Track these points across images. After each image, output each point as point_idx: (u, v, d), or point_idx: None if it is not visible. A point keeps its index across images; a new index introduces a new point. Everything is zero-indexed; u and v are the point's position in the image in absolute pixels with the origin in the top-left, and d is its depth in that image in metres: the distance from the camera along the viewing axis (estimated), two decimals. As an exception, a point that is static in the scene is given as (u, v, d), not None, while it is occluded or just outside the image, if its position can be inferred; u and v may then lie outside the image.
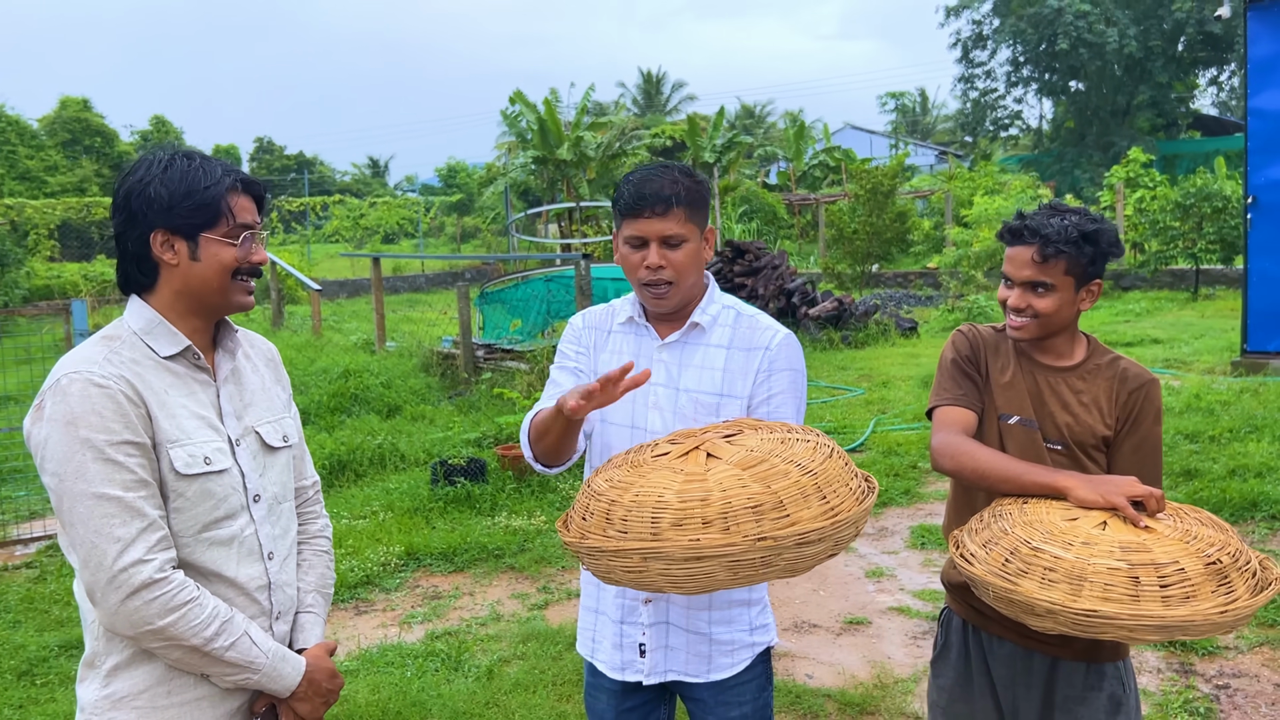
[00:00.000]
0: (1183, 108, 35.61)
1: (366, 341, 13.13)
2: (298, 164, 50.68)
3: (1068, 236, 2.24)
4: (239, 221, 1.88)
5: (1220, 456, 7.04)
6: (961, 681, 2.48)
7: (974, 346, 2.45)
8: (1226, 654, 4.32)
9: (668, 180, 2.17)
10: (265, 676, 1.88)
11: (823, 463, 1.78)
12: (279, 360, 2.19)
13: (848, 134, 45.69)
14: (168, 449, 1.81)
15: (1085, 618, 1.77)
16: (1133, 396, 2.32)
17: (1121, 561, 1.83)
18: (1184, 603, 1.77)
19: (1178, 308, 15.96)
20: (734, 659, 2.27)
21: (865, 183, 19.87)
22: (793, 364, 2.24)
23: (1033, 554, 1.88)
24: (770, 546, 1.63)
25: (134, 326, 1.88)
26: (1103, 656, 2.32)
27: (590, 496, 1.84)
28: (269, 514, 1.99)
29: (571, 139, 27.95)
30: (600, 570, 1.77)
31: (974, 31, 35.52)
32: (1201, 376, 9.96)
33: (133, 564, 1.72)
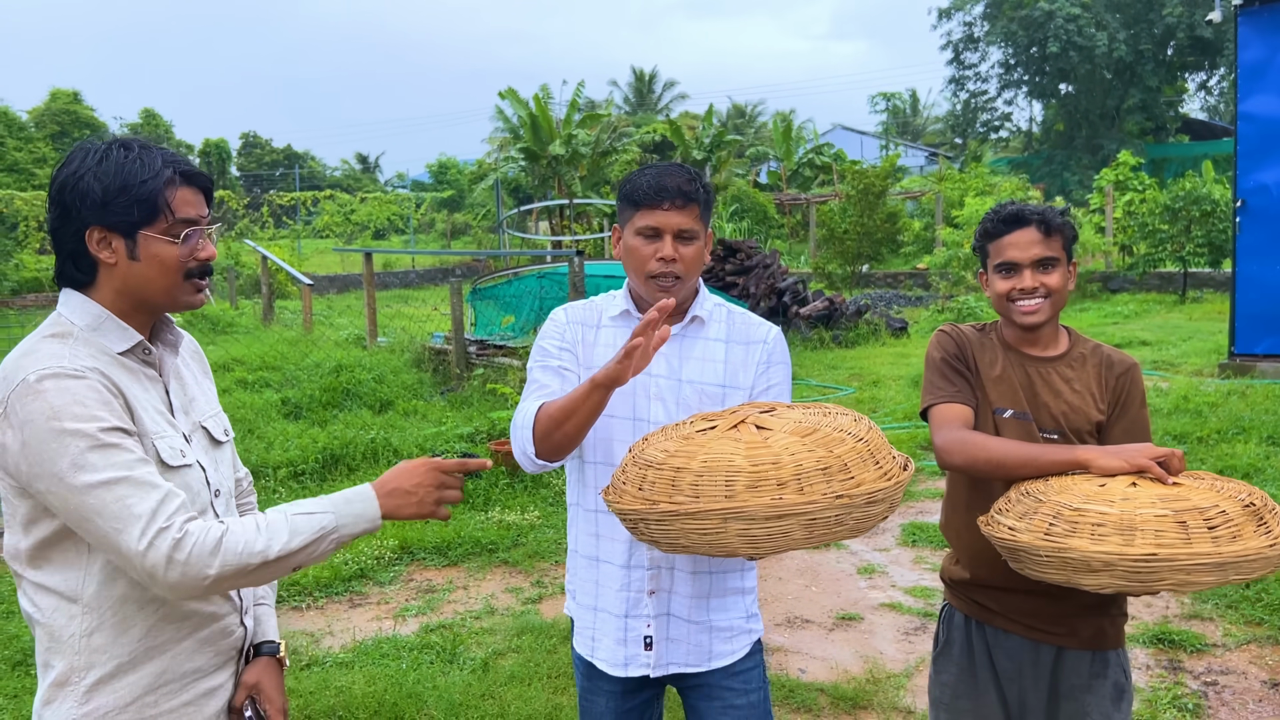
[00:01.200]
0: (1172, 111, 35.84)
1: (358, 337, 13.10)
2: (287, 158, 50.55)
3: (1056, 212, 2.37)
4: (180, 217, 1.75)
5: (1208, 458, 7.10)
6: (965, 677, 2.49)
7: (959, 344, 2.47)
8: (1215, 651, 4.37)
9: (685, 177, 2.21)
10: (347, 526, 1.75)
11: (868, 432, 1.88)
12: (204, 355, 2.10)
13: (838, 134, 45.78)
14: (152, 440, 1.73)
15: (1144, 563, 1.78)
16: (1120, 381, 2.38)
17: (1166, 510, 1.85)
18: (1233, 541, 1.81)
19: (1166, 310, 16.08)
20: (733, 645, 2.29)
21: (856, 183, 19.93)
22: (785, 358, 2.34)
23: (1076, 514, 1.90)
24: (846, 504, 1.72)
25: (80, 323, 1.76)
26: (1106, 644, 2.36)
27: (645, 467, 1.85)
28: (226, 509, 1.92)
29: (563, 136, 27.95)
30: (668, 537, 1.78)
31: (965, 33, 35.68)
32: (1189, 378, 10.05)
33: (155, 535, 1.60)
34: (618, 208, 2.30)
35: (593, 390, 1.99)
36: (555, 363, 2.29)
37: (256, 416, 8.83)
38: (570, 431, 2.07)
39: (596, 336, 2.32)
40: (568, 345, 2.30)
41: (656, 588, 2.24)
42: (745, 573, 2.33)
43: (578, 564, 2.37)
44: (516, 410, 2.21)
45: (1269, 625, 4.57)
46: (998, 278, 2.39)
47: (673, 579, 2.25)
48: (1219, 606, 4.81)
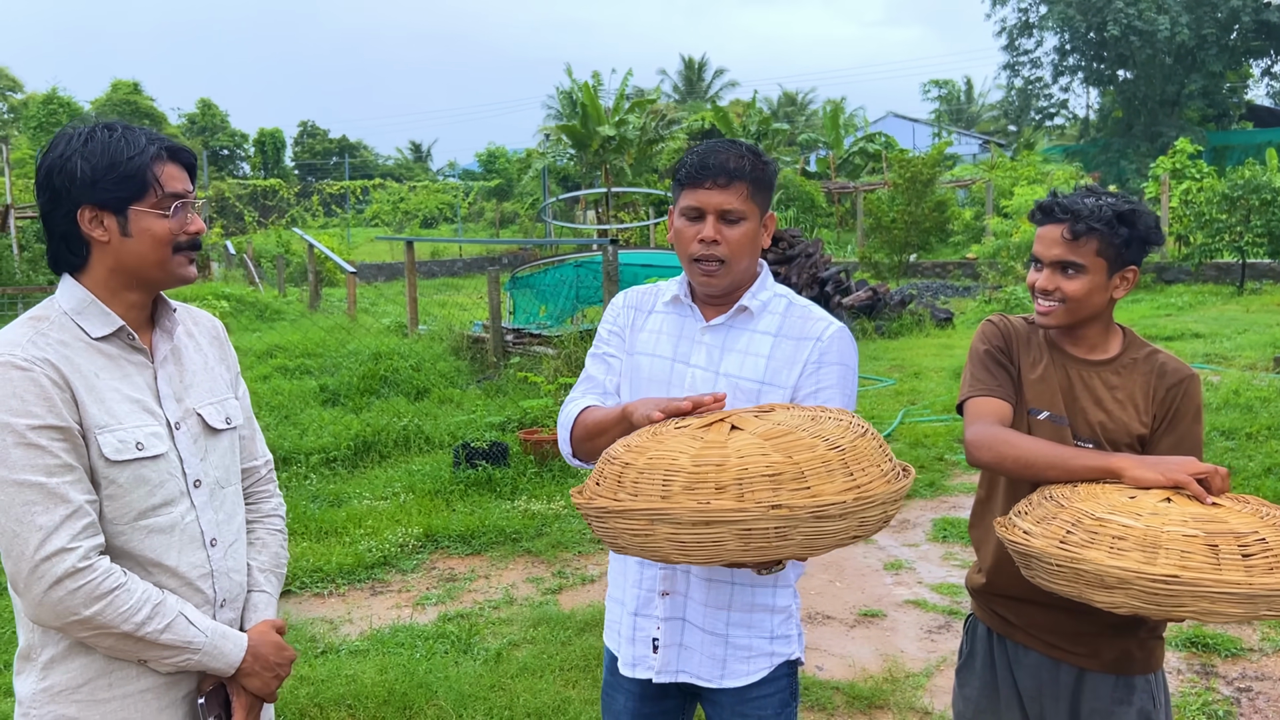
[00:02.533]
0: (1235, 98, 34.80)
1: (399, 325, 13.19)
2: (341, 148, 51.10)
3: (1100, 215, 2.12)
4: (168, 191, 1.78)
5: (1257, 454, 6.88)
6: (987, 692, 2.37)
7: (1005, 337, 2.32)
8: (1250, 656, 4.22)
9: (734, 154, 2.06)
10: (206, 655, 1.81)
11: (853, 440, 1.68)
12: (225, 337, 2.09)
13: (890, 122, 45.20)
14: (96, 435, 1.73)
15: (1163, 585, 1.63)
16: (1171, 393, 2.19)
17: (1197, 530, 1.69)
18: (1269, 573, 1.63)
19: (1222, 302, 15.64)
20: (750, 666, 2.13)
21: (904, 172, 19.64)
22: (844, 359, 2.12)
23: (1098, 524, 1.75)
24: (785, 516, 1.53)
25: (65, 306, 1.79)
26: (1133, 669, 2.21)
27: (605, 461, 1.77)
28: (211, 499, 1.91)
29: (612, 122, 27.92)
30: (608, 535, 1.69)
31: (1020, 19, 34.93)
32: (1242, 372, 9.75)
33: (55, 553, 1.64)
34: (671, 190, 2.20)
35: (623, 419, 1.95)
36: (604, 349, 2.26)
37: (294, 403, 8.92)
38: (601, 446, 1.98)
39: (646, 321, 2.24)
40: (618, 330, 2.25)
41: (671, 590, 2.13)
42: (778, 589, 2.15)
43: (612, 555, 2.30)
44: (566, 400, 2.19)
45: (1310, 630, 4.40)
46: (1031, 267, 2.25)
47: (688, 583, 2.12)
48: (1258, 609, 4.64)
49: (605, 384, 2.22)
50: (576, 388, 2.23)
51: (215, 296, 15.05)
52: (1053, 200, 2.20)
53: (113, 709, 1.79)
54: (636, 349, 2.22)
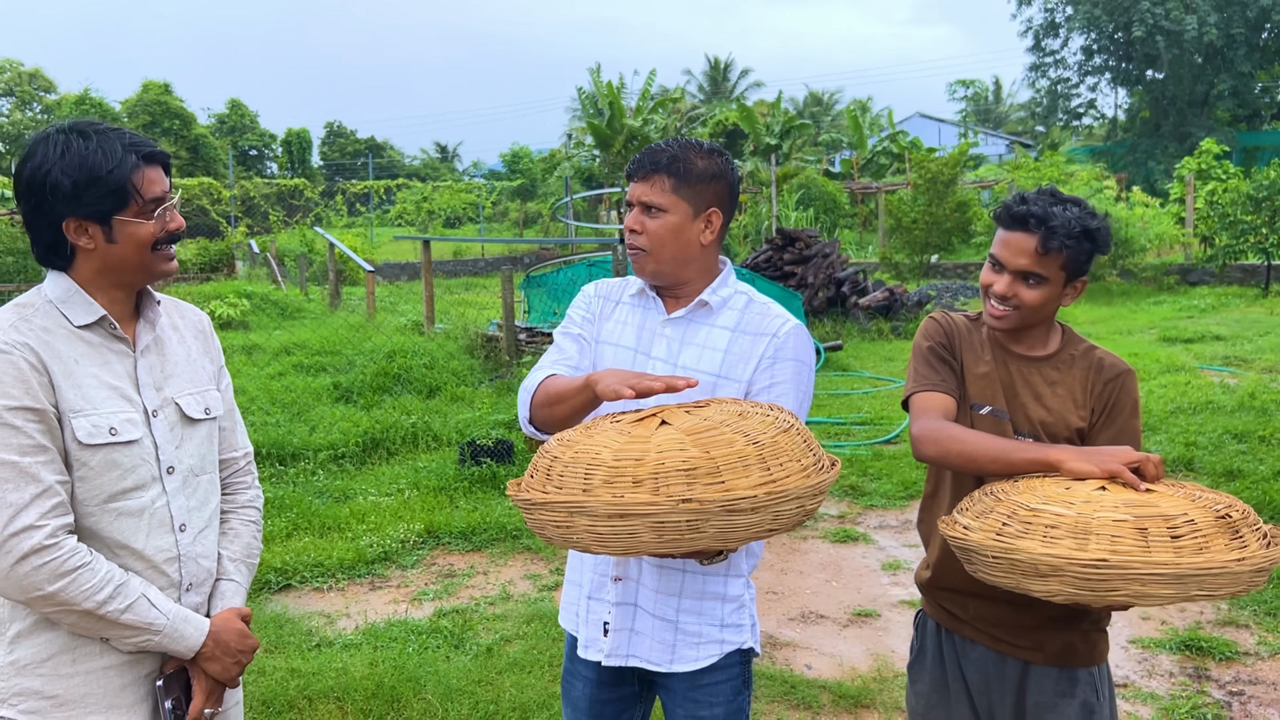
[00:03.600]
0: (1266, 98, 34.36)
1: (416, 323, 13.27)
2: (367, 148, 51.43)
3: (1071, 230, 2.13)
4: (149, 197, 1.84)
5: (1268, 457, 6.80)
6: (938, 687, 2.38)
7: (948, 334, 2.35)
8: (1245, 660, 4.17)
9: (665, 149, 2.14)
10: (166, 637, 1.87)
11: (774, 436, 1.72)
12: (210, 331, 2.16)
13: (916, 122, 44.98)
14: (71, 418, 1.80)
15: (1094, 570, 1.67)
16: (1108, 387, 2.23)
17: (1127, 515, 1.73)
18: (1198, 553, 1.67)
19: (1246, 304, 15.45)
20: (700, 652, 2.17)
21: (924, 172, 19.54)
22: (799, 355, 2.16)
23: (1032, 515, 1.79)
24: (695, 510, 1.59)
25: (50, 295, 1.87)
26: (1076, 662, 2.23)
27: (540, 454, 1.82)
28: (183, 486, 1.96)
29: (637, 120, 27.96)
30: (537, 526, 1.75)
31: (1046, 19, 34.64)
32: (1260, 375, 9.64)
33: (23, 529, 1.72)
34: None
35: (584, 388, 1.96)
36: (576, 330, 2.29)
37: (306, 400, 8.99)
38: (558, 415, 2.05)
39: (613, 311, 2.30)
40: (590, 316, 2.30)
41: (623, 575, 2.18)
42: (729, 578, 2.19)
43: None
44: (533, 370, 2.21)
45: (1307, 634, 4.35)
46: (987, 265, 2.26)
47: (640, 569, 2.17)
48: (1256, 613, 4.59)
49: (578, 361, 2.24)
50: (544, 359, 2.25)
51: (237, 295, 15.20)
52: (1025, 209, 2.17)
53: (76, 684, 1.85)
54: (602, 338, 2.27)
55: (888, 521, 6.21)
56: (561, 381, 2.08)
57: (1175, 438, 7.43)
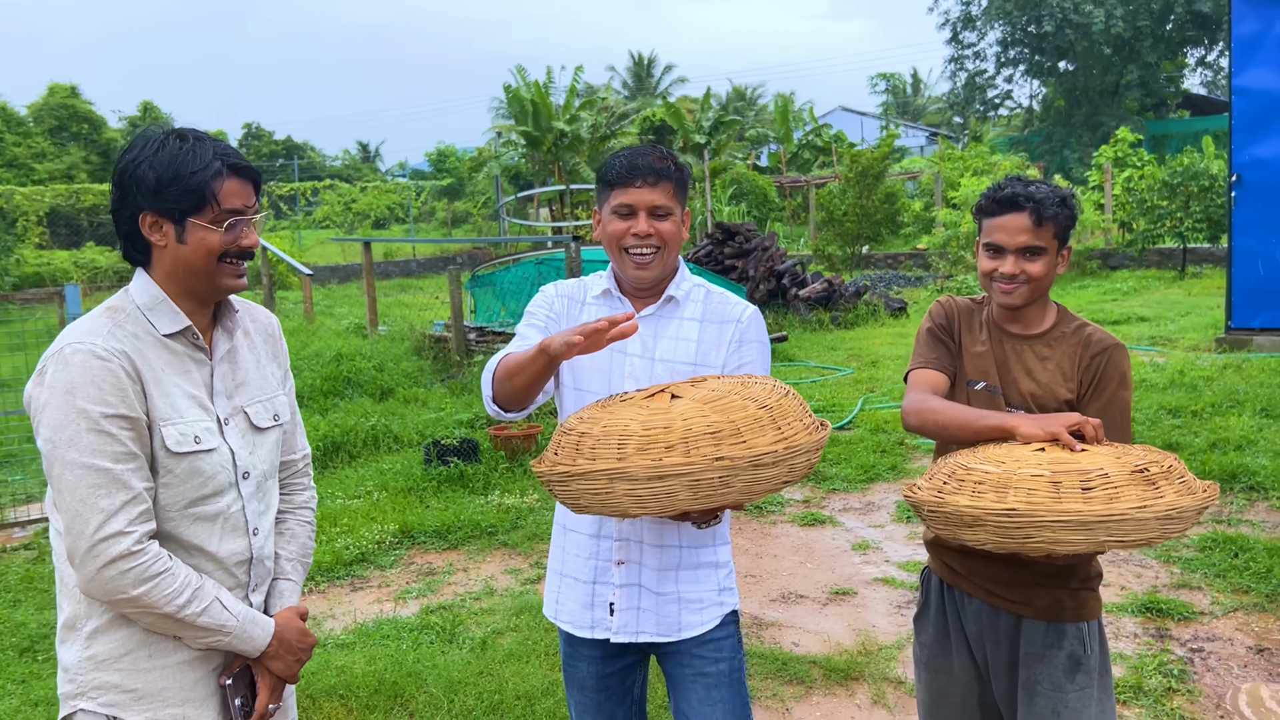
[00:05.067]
0: (1171, 87, 35.58)
1: (358, 326, 13.18)
2: (287, 149, 50.49)
3: (1054, 201, 2.35)
4: (225, 207, 1.88)
5: (1202, 430, 7.16)
6: (940, 637, 2.56)
7: (949, 315, 2.54)
8: (1202, 619, 4.43)
9: (658, 156, 2.30)
10: (236, 638, 1.94)
11: (779, 400, 1.94)
12: (278, 334, 2.20)
13: (839, 115, 45.67)
14: (160, 426, 1.85)
15: (1008, 519, 1.84)
16: (1095, 361, 2.39)
17: (1045, 470, 1.90)
18: (1108, 503, 1.82)
19: (1165, 286, 16.09)
20: (703, 616, 2.35)
21: (854, 165, 19.91)
22: (760, 337, 2.38)
23: (966, 473, 1.98)
24: (727, 466, 1.79)
25: (139, 301, 1.91)
26: (1064, 616, 2.38)
27: (563, 433, 1.98)
28: (257, 491, 2.02)
29: (564, 119, 27.94)
30: (570, 498, 1.90)
31: (963, 12, 35.46)
32: (1186, 353, 10.09)
33: (113, 535, 1.77)
34: (596, 191, 2.39)
35: (539, 354, 2.04)
36: (540, 323, 2.39)
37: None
38: (518, 386, 2.16)
39: (581, 312, 2.41)
40: (553, 315, 2.40)
41: (626, 559, 2.32)
42: (718, 547, 2.40)
43: (555, 530, 2.48)
44: (494, 357, 2.30)
45: (1256, 593, 4.63)
46: (984, 256, 2.43)
47: (641, 551, 2.32)
48: (1207, 575, 4.87)
49: None
50: (508, 347, 2.35)
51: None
52: (1014, 191, 2.37)
53: (153, 678, 1.91)
54: None
55: (851, 504, 6.41)
56: (516, 355, 2.18)
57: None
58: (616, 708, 2.46)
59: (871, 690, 3.95)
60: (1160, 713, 3.67)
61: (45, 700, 4.07)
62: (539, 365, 2.08)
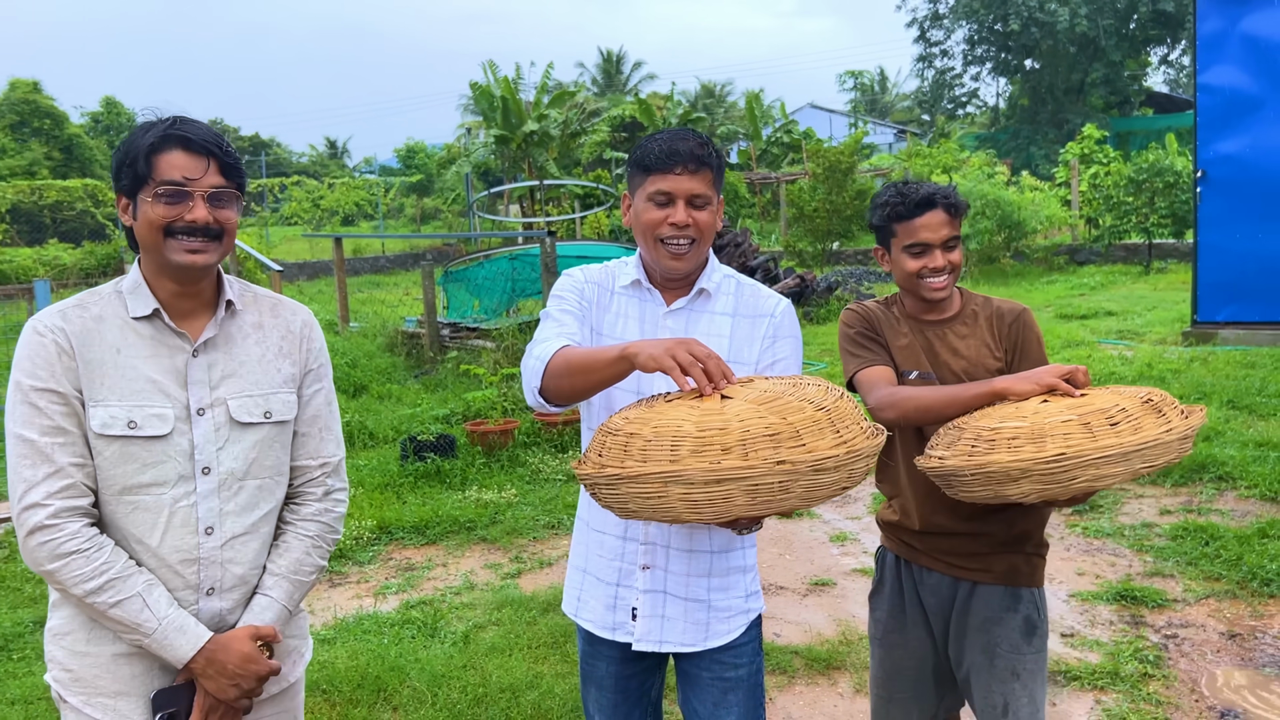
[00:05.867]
0: (1135, 85, 36.10)
1: (329, 322, 13.09)
2: (254, 145, 50.05)
3: (954, 192, 2.52)
4: (162, 179, 1.83)
5: (1170, 422, 7.25)
6: (896, 613, 2.66)
7: (867, 319, 2.62)
8: (1175, 606, 4.51)
9: (698, 142, 2.18)
10: (155, 642, 1.84)
11: (835, 402, 1.84)
12: (302, 333, 2.07)
13: (808, 113, 45.82)
14: (89, 406, 1.84)
15: (1055, 465, 1.92)
16: (1012, 329, 2.55)
17: (1072, 415, 2.00)
18: (1135, 433, 1.94)
19: (1131, 281, 16.30)
20: (730, 625, 2.28)
21: (823, 162, 20.02)
22: (794, 332, 2.31)
23: (994, 433, 2.03)
24: (788, 471, 1.67)
25: (125, 285, 1.93)
26: (1019, 581, 2.52)
27: (607, 434, 1.85)
28: (220, 489, 1.92)
29: (535, 115, 27.86)
30: (618, 501, 1.78)
31: (930, 10, 35.75)
32: (1153, 347, 10.23)
33: (31, 506, 1.79)
34: (627, 174, 2.27)
35: (620, 360, 1.93)
36: (574, 308, 2.27)
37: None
38: (581, 386, 2.04)
39: (610, 302, 2.30)
40: (586, 302, 2.29)
41: (651, 564, 2.24)
42: (747, 550, 2.32)
43: (577, 527, 2.41)
44: (534, 342, 2.16)
45: (1227, 580, 4.72)
46: (907, 257, 2.51)
47: (668, 557, 2.24)
48: (1179, 564, 4.95)
49: (580, 338, 2.22)
50: (546, 331, 2.21)
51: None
52: (926, 191, 2.50)
53: (89, 663, 1.90)
54: (603, 330, 2.28)
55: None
56: (586, 352, 2.05)
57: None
58: (633, 709, 2.40)
59: (853, 679, 3.99)
60: (1137, 697, 3.73)
61: (21, 698, 4.02)
62: (617, 371, 1.96)
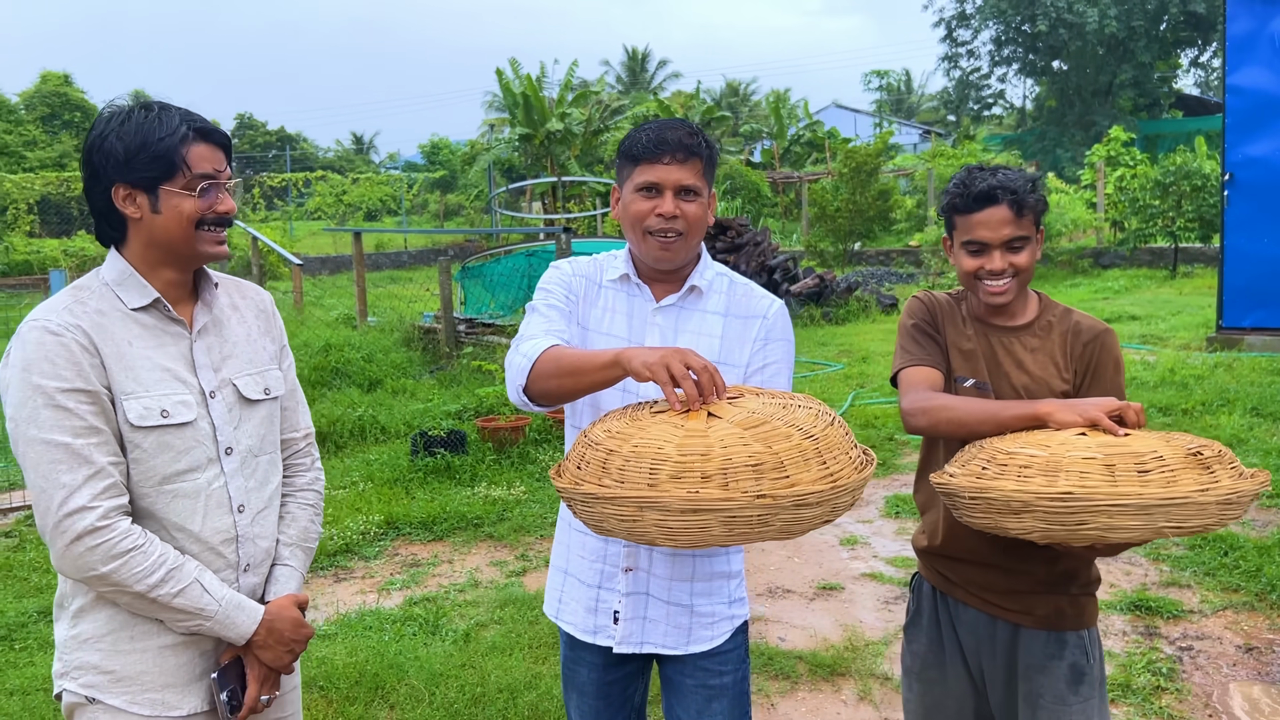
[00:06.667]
0: (1165, 87, 35.67)
1: (348, 317, 13.10)
2: (280, 140, 50.34)
3: (1028, 187, 2.23)
4: (197, 172, 1.85)
5: (1192, 429, 7.13)
6: (933, 647, 2.45)
7: (931, 311, 2.41)
8: (1191, 617, 4.41)
9: (687, 131, 2.12)
10: (218, 623, 1.88)
11: (824, 429, 1.75)
12: (272, 310, 2.15)
13: (832, 112, 45.64)
14: (122, 400, 1.81)
15: (1061, 503, 1.71)
16: (1088, 348, 2.29)
17: (1097, 453, 1.77)
18: (1166, 486, 1.70)
19: (1156, 285, 16.10)
20: (714, 631, 2.23)
21: (848, 162, 19.90)
22: (786, 334, 2.23)
23: (1009, 457, 1.85)
24: (768, 505, 1.60)
25: (107, 278, 1.88)
26: (1065, 625, 2.28)
27: (587, 445, 1.79)
28: (242, 467, 1.97)
29: (557, 114, 27.85)
30: (593, 519, 1.74)
31: (957, 10, 35.47)
32: (1177, 352, 10.08)
33: (77, 510, 1.74)
34: (616, 165, 2.21)
35: (612, 365, 1.87)
36: (561, 302, 2.21)
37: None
38: (569, 388, 1.98)
39: (598, 296, 2.24)
40: (573, 296, 2.24)
41: (634, 566, 2.19)
42: (731, 555, 2.26)
43: (559, 527, 2.36)
44: (519, 338, 2.11)
45: (1245, 591, 4.61)
46: (965, 254, 2.29)
47: (650, 559, 2.19)
48: (1197, 574, 4.85)
49: (567, 335, 2.17)
50: (531, 327, 2.15)
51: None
52: (989, 184, 2.24)
53: (133, 660, 1.87)
54: (589, 324, 2.23)
55: (840, 499, 6.36)
56: (576, 354, 1.98)
57: (1105, 412, 7.75)
58: (616, 714, 2.34)
59: (858, 686, 3.92)
60: (1149, 711, 3.64)
61: (20, 689, 4.01)
62: (608, 376, 1.90)
